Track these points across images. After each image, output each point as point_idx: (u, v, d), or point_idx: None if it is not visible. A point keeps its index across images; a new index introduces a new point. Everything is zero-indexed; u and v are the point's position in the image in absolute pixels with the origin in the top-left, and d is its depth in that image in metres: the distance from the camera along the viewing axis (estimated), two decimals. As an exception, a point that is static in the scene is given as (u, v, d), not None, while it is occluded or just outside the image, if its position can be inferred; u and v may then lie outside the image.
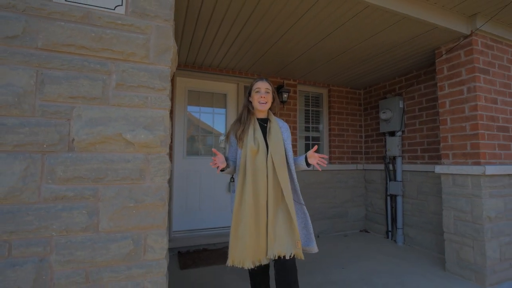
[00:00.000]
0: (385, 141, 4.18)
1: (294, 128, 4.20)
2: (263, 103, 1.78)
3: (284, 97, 4.00)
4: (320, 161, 1.66)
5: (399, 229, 3.86)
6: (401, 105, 3.93)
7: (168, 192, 1.43)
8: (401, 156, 3.94)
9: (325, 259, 3.22)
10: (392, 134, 4.05)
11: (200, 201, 3.83)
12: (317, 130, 4.65)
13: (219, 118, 4.09)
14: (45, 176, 1.18)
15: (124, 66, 1.33)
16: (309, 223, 1.77)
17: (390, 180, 4.04)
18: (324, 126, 4.63)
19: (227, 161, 1.77)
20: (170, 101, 1.45)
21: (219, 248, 3.50)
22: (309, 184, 4.20)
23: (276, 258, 1.63)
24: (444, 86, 2.96)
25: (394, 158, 4.01)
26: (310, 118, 4.61)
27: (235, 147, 1.83)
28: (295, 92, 4.28)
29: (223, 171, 1.77)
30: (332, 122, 4.56)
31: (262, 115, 1.85)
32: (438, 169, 2.91)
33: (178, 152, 3.75)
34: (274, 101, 1.87)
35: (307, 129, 4.56)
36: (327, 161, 4.53)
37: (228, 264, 1.62)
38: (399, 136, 3.95)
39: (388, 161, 4.10)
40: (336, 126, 4.57)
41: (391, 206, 4.05)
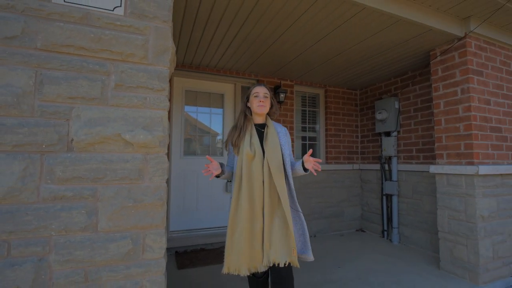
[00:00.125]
0: (381, 141, 4.23)
1: (291, 128, 4.23)
2: (262, 106, 1.76)
3: (281, 97, 4.03)
4: (315, 166, 1.61)
5: (395, 229, 3.91)
6: (397, 106, 3.98)
7: (167, 192, 1.44)
8: (397, 156, 3.99)
9: (322, 258, 3.25)
10: (388, 135, 4.10)
11: (198, 201, 3.84)
12: (314, 130, 4.68)
13: (216, 118, 4.10)
14: (44, 176, 1.19)
15: (123, 67, 1.34)
16: (306, 231, 1.74)
17: (386, 180, 4.09)
18: (321, 126, 4.67)
19: (222, 167, 1.75)
20: (169, 102, 1.47)
21: (217, 248, 3.51)
22: (306, 184, 4.23)
23: (272, 266, 1.60)
24: (439, 87, 3.00)
25: (390, 158, 4.05)
26: (307, 118, 4.64)
27: (233, 154, 1.82)
28: (292, 93, 4.30)
29: (219, 177, 1.76)
30: (329, 123, 4.59)
31: (260, 120, 1.83)
32: (433, 169, 2.95)
33: (175, 152, 3.75)
34: (273, 107, 1.86)
35: (304, 129, 4.59)
36: (324, 161, 4.57)
37: (224, 272, 1.60)
38: (395, 137, 3.99)
39: (384, 161, 4.14)
40: (333, 126, 4.60)
41: (387, 206, 4.09)
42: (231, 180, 1.85)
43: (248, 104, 1.84)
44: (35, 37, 1.21)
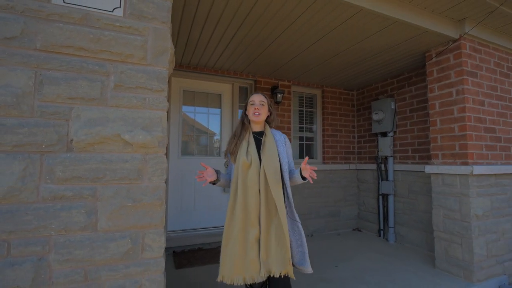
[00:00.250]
0: (377, 142, 4.27)
1: (289, 129, 4.25)
2: (257, 114, 1.75)
3: (279, 98, 4.05)
4: (312, 174, 1.61)
5: (391, 228, 3.95)
6: (393, 106, 4.02)
7: (166, 192, 1.45)
8: (393, 156, 4.03)
9: (319, 257, 3.27)
10: (384, 135, 4.14)
11: (195, 201, 3.85)
12: (311, 131, 4.71)
13: (214, 118, 4.11)
14: (44, 176, 1.19)
15: (122, 68, 1.35)
16: (305, 242, 1.70)
17: (382, 180, 4.13)
18: (318, 127, 4.70)
19: (218, 175, 1.75)
20: (168, 102, 1.48)
21: (214, 248, 3.52)
22: (303, 184, 4.24)
23: (269, 276, 1.60)
24: (434, 88, 3.04)
25: (386, 158, 4.09)
26: (304, 119, 4.67)
27: (231, 163, 1.82)
28: (289, 93, 4.33)
29: (214, 184, 1.76)
30: (326, 123, 4.62)
31: (258, 128, 1.82)
32: (428, 169, 2.99)
33: (173, 152, 3.75)
34: (271, 115, 1.85)
35: (301, 130, 4.62)
36: (321, 161, 4.60)
37: (218, 280, 1.60)
38: (391, 137, 4.03)
39: (380, 161, 4.18)
40: (330, 127, 4.63)
41: (383, 205, 4.13)
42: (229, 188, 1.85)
43: (246, 112, 1.84)
44: (35, 38, 1.21)
